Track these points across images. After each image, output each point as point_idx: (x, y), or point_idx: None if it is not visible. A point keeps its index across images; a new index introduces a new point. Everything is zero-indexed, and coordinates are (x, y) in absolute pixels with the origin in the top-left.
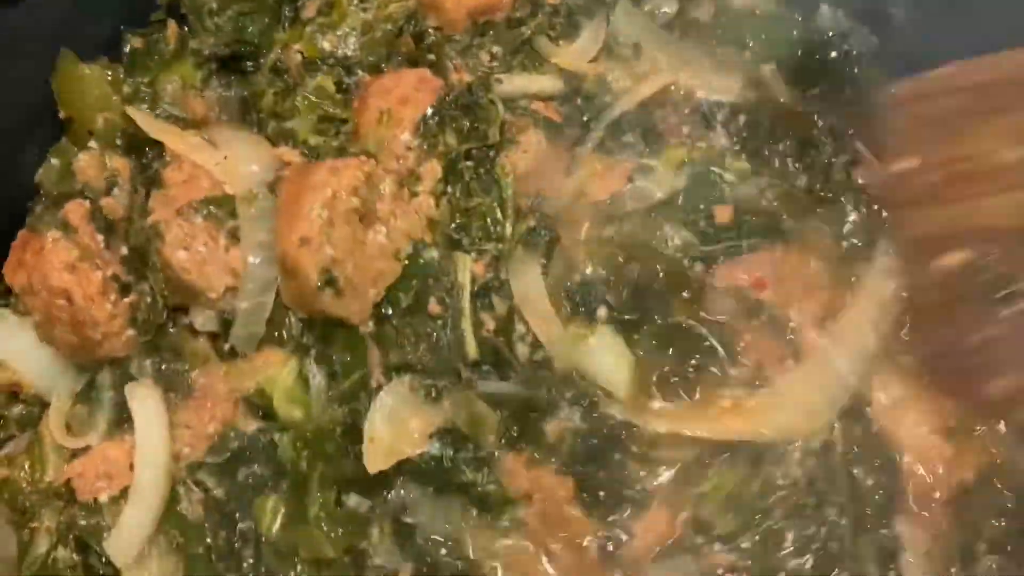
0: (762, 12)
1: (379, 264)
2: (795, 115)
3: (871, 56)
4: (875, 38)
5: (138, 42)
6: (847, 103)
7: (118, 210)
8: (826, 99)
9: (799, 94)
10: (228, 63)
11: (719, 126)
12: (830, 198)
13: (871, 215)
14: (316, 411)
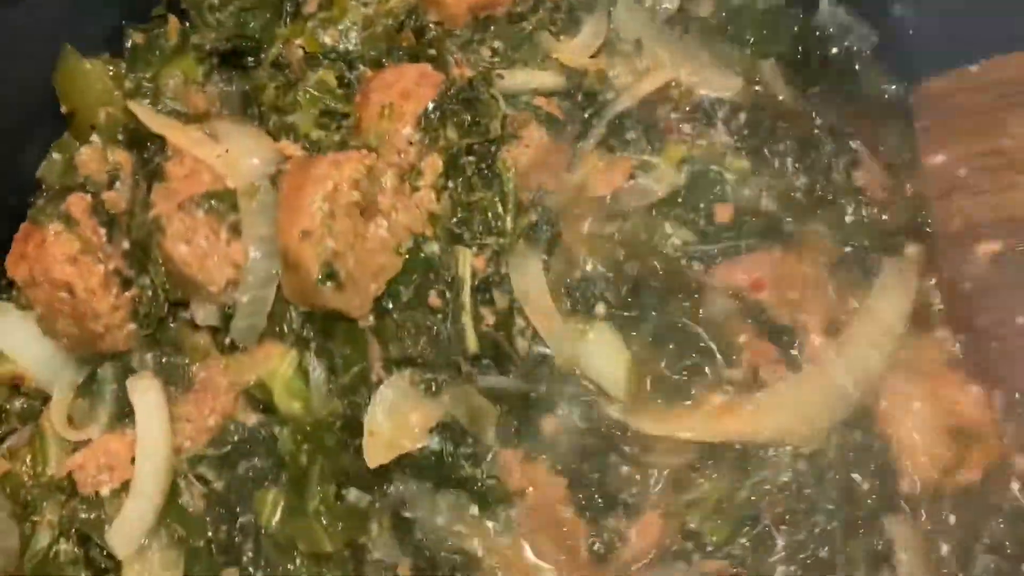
0: (762, 8)
1: (380, 258)
2: (795, 114)
3: (871, 53)
4: (875, 35)
5: (139, 37)
6: (848, 102)
7: (120, 204)
8: (827, 98)
9: (799, 92)
10: (229, 58)
11: (720, 124)
12: (830, 200)
13: (871, 219)
14: (316, 405)
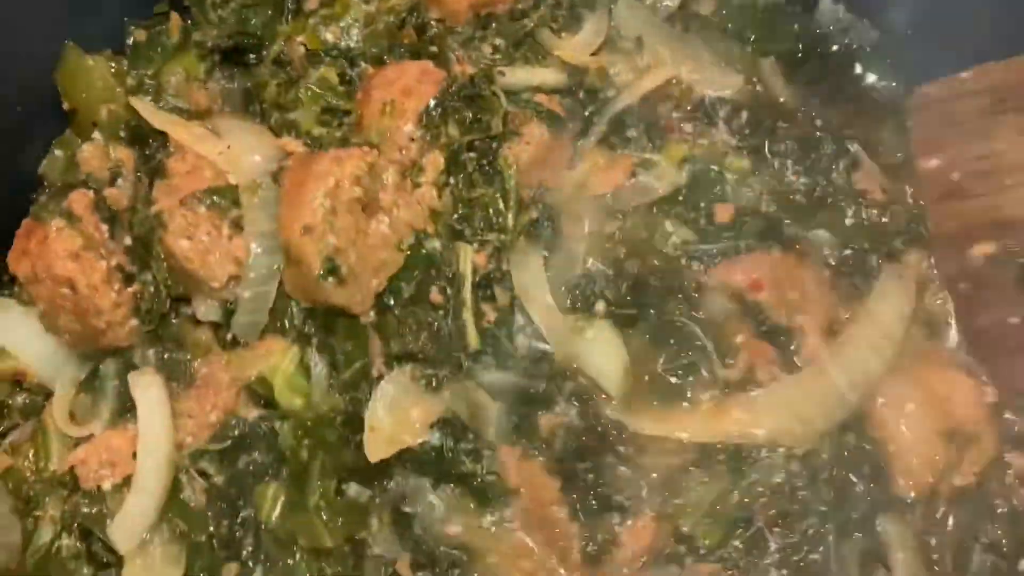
0: (763, 6)
1: (381, 254)
2: (796, 114)
3: (871, 51)
4: (875, 32)
5: (141, 34)
6: (848, 102)
7: (122, 200)
8: (827, 98)
9: (800, 91)
10: (231, 55)
11: (721, 123)
12: (830, 202)
13: (871, 221)
14: (317, 400)
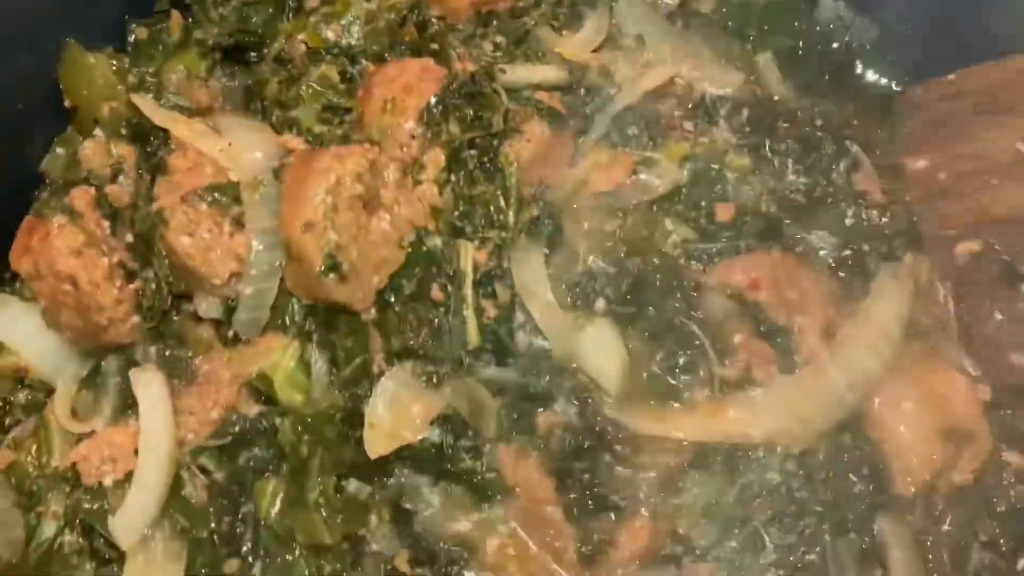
0: (763, 3)
1: (382, 251)
2: (797, 112)
3: (872, 49)
4: (876, 29)
5: (142, 32)
6: (849, 100)
7: (123, 197)
8: (828, 96)
9: (800, 88)
10: (232, 53)
11: (722, 121)
12: (830, 202)
13: (870, 222)
14: (317, 396)
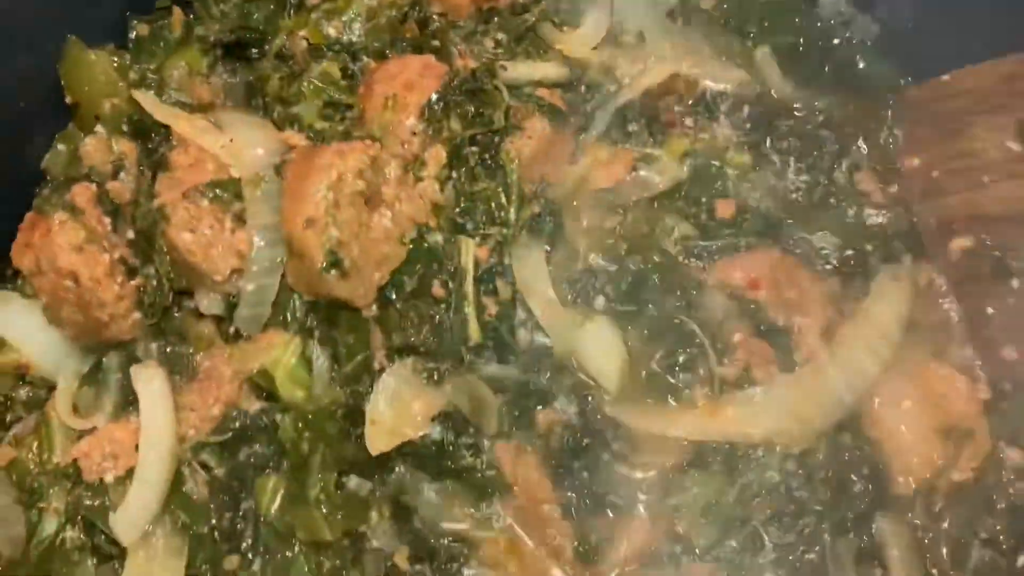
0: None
1: (384, 247)
2: (798, 109)
3: (873, 46)
4: (877, 26)
5: (144, 29)
6: (850, 98)
7: (124, 194)
8: (829, 93)
9: (802, 85)
10: (233, 49)
11: (723, 117)
12: (831, 201)
13: (871, 222)
14: (319, 392)
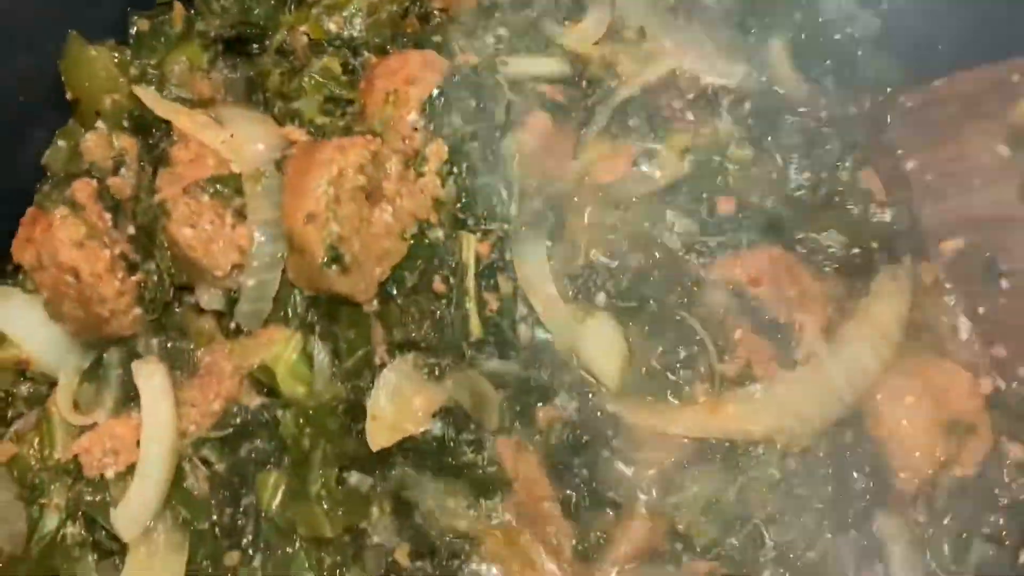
0: None
1: (385, 243)
2: (800, 105)
3: (874, 40)
4: (878, 21)
5: (144, 24)
6: (850, 96)
7: (125, 189)
8: (831, 90)
9: (804, 82)
10: (234, 45)
11: (724, 112)
12: (833, 198)
13: (874, 220)
14: (319, 388)
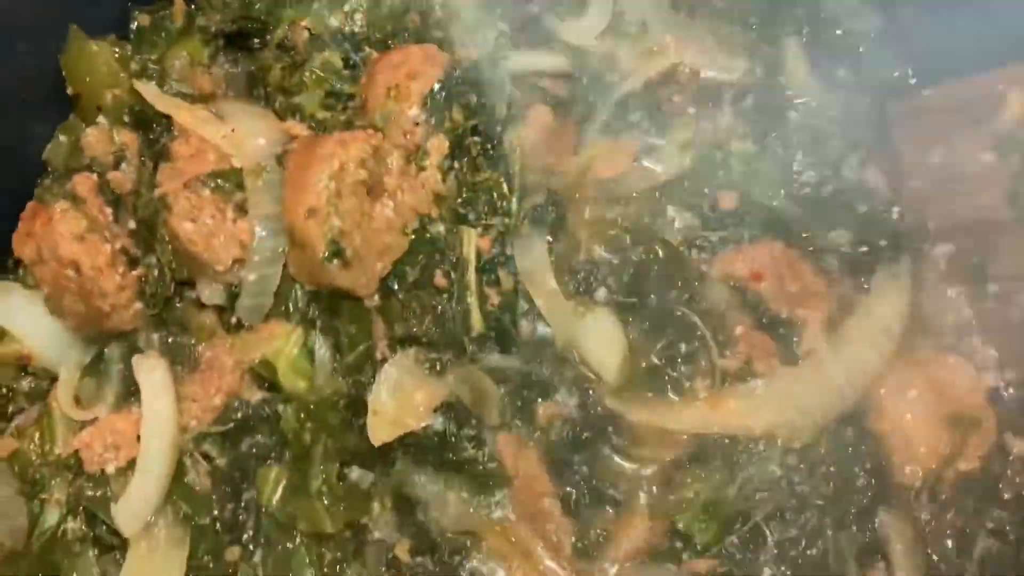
0: None
1: (386, 237)
2: (802, 102)
3: (876, 37)
4: (880, 18)
5: (145, 19)
6: (851, 92)
7: (126, 184)
8: (831, 87)
9: (806, 78)
10: (235, 39)
11: (725, 107)
12: (836, 195)
13: (877, 217)
14: (321, 383)
